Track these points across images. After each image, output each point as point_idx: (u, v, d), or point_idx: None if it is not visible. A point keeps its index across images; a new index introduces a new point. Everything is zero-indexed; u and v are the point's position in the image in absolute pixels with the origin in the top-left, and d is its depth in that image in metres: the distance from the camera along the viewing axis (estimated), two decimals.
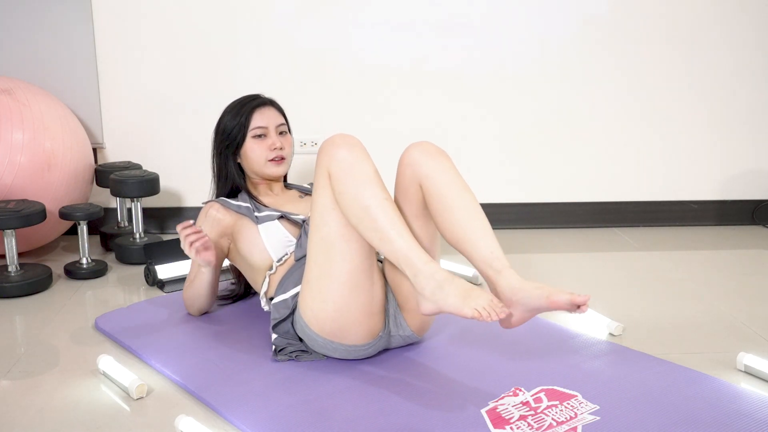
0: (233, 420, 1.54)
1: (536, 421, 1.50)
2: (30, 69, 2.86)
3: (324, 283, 1.65)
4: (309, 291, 1.69)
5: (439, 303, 1.49)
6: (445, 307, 1.48)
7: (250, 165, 2.08)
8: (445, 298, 1.47)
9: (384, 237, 1.54)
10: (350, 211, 1.58)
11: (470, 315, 1.43)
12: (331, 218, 1.62)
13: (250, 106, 2.07)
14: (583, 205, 3.18)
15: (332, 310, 1.66)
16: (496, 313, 1.44)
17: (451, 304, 1.47)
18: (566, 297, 1.50)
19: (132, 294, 2.37)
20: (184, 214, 3.06)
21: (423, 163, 1.68)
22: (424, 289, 1.50)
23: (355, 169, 1.58)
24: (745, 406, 1.57)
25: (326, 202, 1.62)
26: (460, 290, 1.47)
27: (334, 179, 1.60)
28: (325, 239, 1.63)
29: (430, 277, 1.50)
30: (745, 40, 3.04)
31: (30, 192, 2.49)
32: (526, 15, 2.98)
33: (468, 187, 1.69)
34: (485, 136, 3.08)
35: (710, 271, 2.60)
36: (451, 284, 1.48)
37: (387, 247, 1.54)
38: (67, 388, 1.71)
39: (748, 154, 3.16)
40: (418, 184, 1.68)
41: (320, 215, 1.64)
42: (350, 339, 1.71)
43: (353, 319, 1.67)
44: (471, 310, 1.44)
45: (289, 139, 2.13)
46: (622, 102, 3.08)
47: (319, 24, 2.94)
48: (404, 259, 1.52)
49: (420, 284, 1.51)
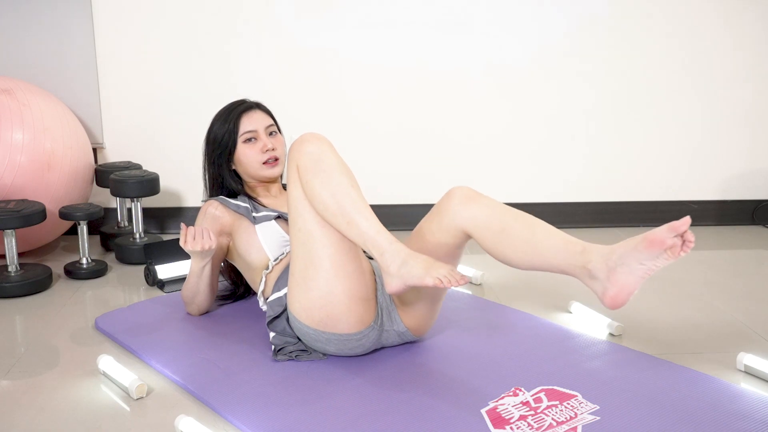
0: (233, 420, 1.54)
1: (536, 421, 1.50)
2: (30, 69, 2.86)
3: (308, 272, 1.67)
4: (295, 283, 1.70)
5: (404, 277, 1.53)
6: (409, 280, 1.52)
7: (245, 170, 2.08)
8: (409, 271, 1.52)
9: (351, 222, 1.58)
10: (317, 200, 1.62)
11: (432, 283, 1.49)
12: (305, 209, 1.65)
13: (237, 112, 2.07)
14: (583, 205, 3.18)
15: (318, 297, 1.67)
16: (456, 279, 1.49)
17: (414, 275, 1.51)
18: (663, 228, 1.43)
19: (132, 294, 2.37)
20: (184, 214, 3.07)
21: (466, 208, 1.68)
22: (389, 266, 1.55)
23: (322, 160, 1.63)
24: (745, 406, 1.57)
25: (298, 195, 1.66)
26: (423, 263, 1.53)
27: (302, 171, 1.65)
28: (302, 230, 1.67)
29: (396, 254, 1.55)
30: (744, 40, 3.04)
31: (30, 192, 2.49)
32: (526, 15, 2.98)
33: (514, 209, 1.68)
34: (485, 136, 3.08)
35: (710, 271, 2.60)
36: (414, 259, 1.54)
37: (354, 231, 1.59)
38: (67, 388, 1.71)
39: (748, 154, 3.16)
40: (460, 229, 1.69)
41: (294, 208, 1.68)
42: (340, 327, 1.71)
43: (341, 304, 1.67)
44: (433, 279, 1.49)
45: (281, 139, 2.13)
46: (622, 102, 3.08)
47: (319, 24, 2.94)
48: (371, 241, 1.57)
49: (386, 263, 1.55)
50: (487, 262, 2.66)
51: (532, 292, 2.35)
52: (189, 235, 1.89)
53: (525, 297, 2.29)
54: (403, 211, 3.00)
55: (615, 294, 1.48)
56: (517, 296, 2.30)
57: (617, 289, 1.48)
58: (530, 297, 2.29)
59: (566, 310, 2.18)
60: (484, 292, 2.36)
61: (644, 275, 1.48)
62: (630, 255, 1.46)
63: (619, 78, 3.06)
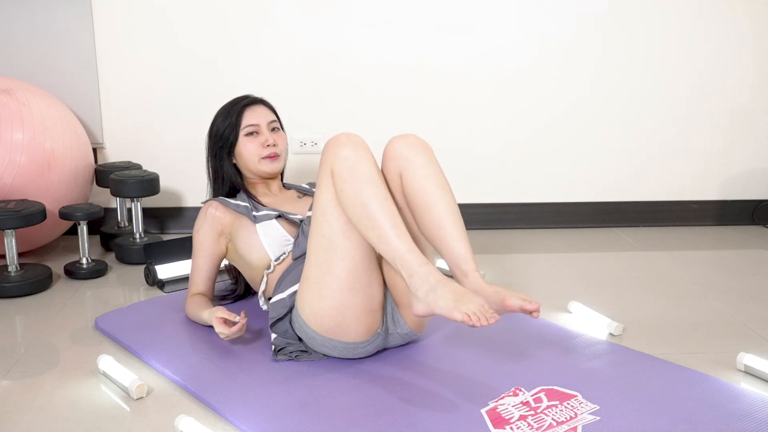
0: (233, 420, 1.54)
1: (536, 421, 1.50)
2: (30, 69, 2.86)
3: (323, 280, 1.65)
4: (308, 288, 1.69)
5: (431, 305, 1.50)
6: (437, 309, 1.49)
7: (245, 163, 2.08)
8: (437, 300, 1.49)
9: (382, 236, 1.55)
10: (350, 209, 1.59)
11: (460, 318, 1.44)
12: (333, 215, 1.63)
13: (240, 105, 2.08)
14: (583, 205, 3.18)
15: (330, 307, 1.66)
16: (486, 318, 1.44)
17: (442, 306, 1.48)
18: (518, 302, 1.55)
19: (132, 294, 2.37)
20: (184, 214, 3.07)
21: (405, 155, 1.71)
22: (417, 290, 1.51)
23: (358, 168, 1.59)
24: (745, 406, 1.57)
25: (328, 200, 1.63)
26: (452, 294, 1.48)
27: (336, 177, 1.61)
28: (325, 236, 1.64)
29: (425, 279, 1.51)
30: (745, 40, 3.04)
31: (30, 192, 2.49)
32: (527, 14, 2.98)
33: (447, 185, 1.72)
34: (485, 136, 3.08)
35: (710, 271, 2.59)
36: (444, 287, 1.50)
37: (384, 246, 1.56)
38: (67, 388, 1.71)
39: (748, 154, 3.16)
40: (397, 172, 1.72)
41: (322, 212, 1.65)
42: (348, 336, 1.71)
43: (352, 316, 1.67)
44: (461, 314, 1.45)
45: (282, 136, 2.13)
46: (622, 102, 3.08)
47: (319, 24, 2.94)
48: (400, 260, 1.54)
49: (414, 285, 1.52)
50: (488, 262, 2.67)
51: (532, 292, 2.35)
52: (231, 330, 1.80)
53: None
54: None
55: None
56: None
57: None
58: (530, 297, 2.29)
59: (566, 310, 2.18)
60: None
61: None
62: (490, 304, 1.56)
63: (619, 78, 3.06)
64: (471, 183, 3.12)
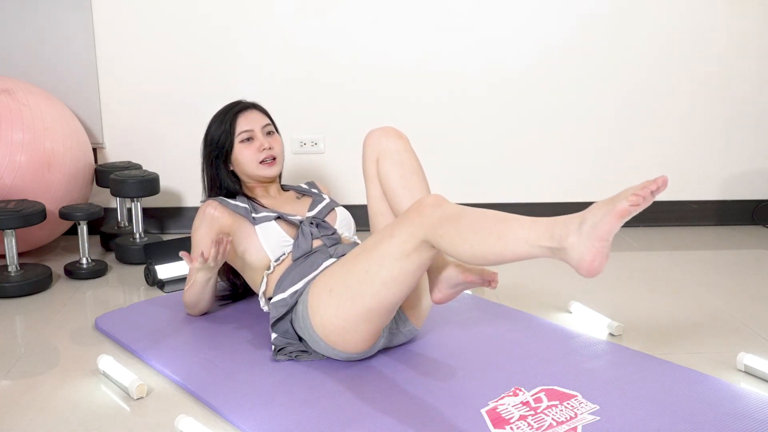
0: (233, 420, 1.54)
1: (536, 421, 1.50)
2: (30, 69, 2.86)
3: (345, 302, 1.64)
4: (327, 298, 1.67)
5: (596, 227, 1.37)
6: (602, 226, 1.37)
7: (243, 170, 2.08)
8: (594, 222, 1.38)
9: (500, 233, 1.44)
10: (460, 250, 1.47)
11: (628, 204, 1.37)
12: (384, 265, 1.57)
13: (233, 112, 2.08)
14: (583, 205, 3.15)
15: (342, 326, 1.67)
16: (642, 191, 1.37)
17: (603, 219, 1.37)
18: (477, 271, 1.65)
19: (132, 294, 2.37)
20: (184, 214, 3.07)
21: (380, 143, 1.85)
22: (568, 236, 1.38)
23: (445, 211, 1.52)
24: (745, 406, 1.57)
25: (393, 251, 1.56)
26: (598, 207, 1.39)
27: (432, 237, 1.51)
28: (369, 273, 1.59)
29: (565, 223, 1.41)
30: (745, 40, 3.04)
31: (30, 192, 2.49)
32: (527, 15, 2.98)
33: (419, 171, 1.83)
34: (485, 135, 3.08)
35: (710, 271, 2.60)
36: (584, 213, 1.40)
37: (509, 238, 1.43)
38: (67, 388, 1.71)
39: (748, 154, 3.16)
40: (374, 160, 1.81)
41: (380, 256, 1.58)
42: (350, 349, 1.73)
43: (359, 338, 1.70)
44: (627, 201, 1.37)
45: (278, 139, 2.13)
46: (623, 102, 3.08)
47: (320, 24, 2.94)
48: (534, 238, 1.42)
49: (561, 236, 1.39)
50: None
51: (532, 292, 2.35)
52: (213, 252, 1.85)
53: (525, 297, 2.29)
54: None
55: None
56: (517, 296, 2.30)
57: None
58: (530, 297, 2.29)
59: (566, 310, 2.18)
60: (484, 292, 2.36)
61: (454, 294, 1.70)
62: (453, 277, 1.66)
63: (619, 78, 3.06)
64: (470, 183, 3.12)
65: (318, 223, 1.97)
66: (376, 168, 1.86)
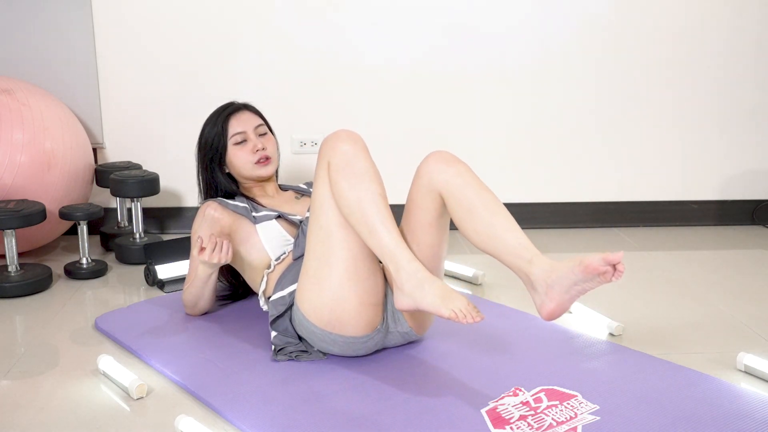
0: (233, 420, 1.54)
1: (536, 421, 1.50)
2: (30, 69, 2.86)
3: (322, 272, 1.66)
4: (307, 281, 1.70)
5: (417, 300, 1.53)
6: (423, 305, 1.53)
7: (238, 172, 2.09)
8: (424, 296, 1.52)
9: (372, 231, 1.58)
10: (343, 203, 1.61)
11: (447, 315, 1.48)
12: (330, 208, 1.64)
13: (224, 114, 2.08)
14: (583, 205, 3.18)
15: (330, 299, 1.67)
16: (471, 316, 1.48)
17: (429, 302, 1.52)
18: (598, 257, 1.43)
19: (132, 294, 2.37)
20: (184, 214, 3.07)
21: (441, 170, 1.67)
22: (404, 284, 1.54)
23: (353, 163, 1.62)
24: (745, 406, 1.57)
25: (325, 192, 1.65)
26: (439, 291, 1.52)
27: (332, 170, 1.63)
28: (323, 228, 1.66)
29: (412, 274, 1.54)
30: (745, 40, 3.04)
31: (30, 192, 2.49)
32: (527, 15, 2.98)
33: (486, 187, 1.69)
34: (485, 136, 3.08)
35: (710, 271, 2.59)
36: (431, 284, 1.53)
37: (374, 241, 1.58)
38: (67, 388, 1.71)
39: (748, 154, 3.16)
40: (435, 192, 1.68)
41: (319, 205, 1.67)
42: (348, 330, 1.71)
43: (351, 308, 1.68)
44: (448, 311, 1.48)
45: (271, 139, 2.13)
46: (623, 102, 3.08)
47: (319, 24, 2.94)
48: (389, 255, 1.56)
49: (401, 280, 1.55)
50: (487, 262, 2.66)
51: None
52: (209, 247, 1.86)
53: (525, 297, 2.29)
54: None
55: (551, 310, 1.55)
56: (517, 296, 2.29)
57: (554, 306, 1.54)
58: (530, 297, 2.29)
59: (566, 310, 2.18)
60: (484, 292, 2.36)
61: (578, 294, 1.53)
62: (566, 276, 1.50)
63: (619, 78, 3.06)
64: None
65: None
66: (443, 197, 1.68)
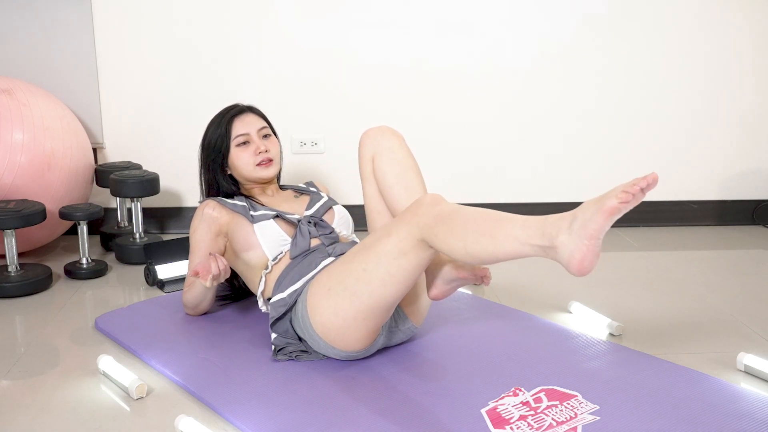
0: (233, 420, 1.54)
1: (536, 421, 1.50)
2: (30, 69, 2.86)
3: (343, 301, 1.65)
4: (326, 297, 1.68)
5: (585, 225, 1.36)
6: (591, 224, 1.36)
7: (240, 173, 2.09)
8: (584, 221, 1.36)
9: (493, 233, 1.45)
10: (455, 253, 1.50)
11: (618, 200, 1.34)
12: (380, 264, 1.58)
13: (229, 116, 2.09)
14: None
15: (340, 325, 1.67)
16: (638, 185, 1.34)
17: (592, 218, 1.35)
18: (469, 267, 1.66)
19: (132, 294, 2.37)
20: (184, 214, 3.07)
21: (376, 142, 1.85)
22: (558, 234, 1.38)
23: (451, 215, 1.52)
24: (745, 406, 1.57)
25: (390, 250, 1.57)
26: (588, 206, 1.37)
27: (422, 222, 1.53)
28: (367, 271, 1.60)
29: (556, 221, 1.40)
30: (745, 40, 3.04)
31: (30, 192, 2.49)
32: (527, 15, 2.98)
33: (415, 168, 1.84)
34: (485, 136, 3.08)
35: (710, 271, 2.60)
36: (575, 212, 1.38)
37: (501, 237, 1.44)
38: (67, 388, 1.71)
39: (748, 154, 3.16)
40: (372, 159, 1.82)
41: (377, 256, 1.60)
42: (350, 348, 1.73)
43: (358, 336, 1.70)
44: (617, 198, 1.34)
45: (274, 141, 2.13)
46: (622, 102, 3.08)
47: (319, 24, 2.94)
48: (525, 238, 1.41)
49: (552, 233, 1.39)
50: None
51: (532, 292, 2.35)
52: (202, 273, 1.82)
53: (525, 297, 2.29)
54: None
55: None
56: (517, 296, 2.30)
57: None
58: (530, 297, 2.29)
59: (566, 310, 2.18)
60: (484, 292, 2.36)
61: (450, 290, 1.71)
62: (446, 273, 1.67)
63: (619, 78, 3.06)
64: (470, 183, 3.12)
65: (316, 221, 1.97)
66: (372, 166, 1.86)
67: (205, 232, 2.02)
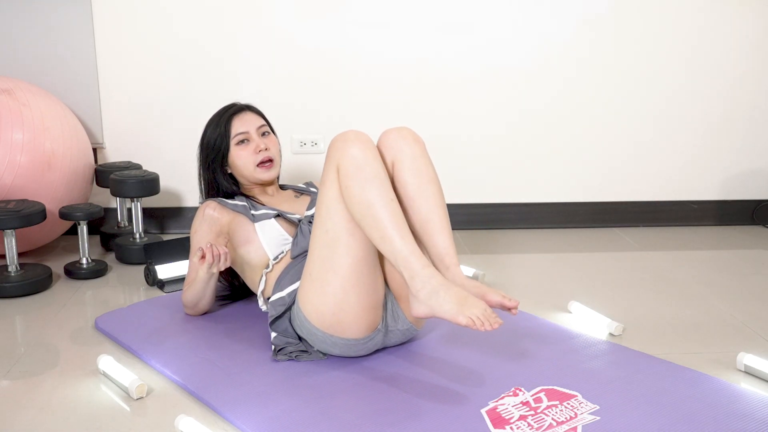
0: (233, 420, 1.54)
1: (536, 421, 1.50)
2: (30, 69, 2.86)
3: (326, 275, 1.65)
4: (310, 284, 1.69)
5: (433, 308, 1.52)
6: (439, 313, 1.51)
7: (240, 172, 2.09)
8: (441, 304, 1.50)
9: (385, 236, 1.56)
10: (354, 208, 1.59)
11: (464, 323, 1.47)
12: (337, 212, 1.63)
13: (227, 115, 2.08)
14: (583, 205, 3.18)
15: (333, 303, 1.66)
16: (489, 322, 1.47)
17: (446, 310, 1.50)
18: (498, 298, 1.61)
19: (132, 294, 2.37)
20: (184, 214, 3.07)
21: (398, 146, 1.74)
22: (419, 292, 1.53)
23: (365, 167, 1.61)
24: (745, 406, 1.57)
25: (333, 196, 1.64)
26: (455, 297, 1.50)
27: (342, 174, 1.62)
28: (329, 232, 1.64)
29: (427, 281, 1.53)
30: (745, 40, 3.04)
31: (30, 192, 2.49)
32: (527, 15, 2.98)
33: (436, 178, 1.76)
34: (485, 136, 3.08)
35: (710, 271, 2.60)
36: (447, 291, 1.51)
37: (387, 246, 1.56)
38: (67, 388, 1.71)
39: (748, 154, 3.16)
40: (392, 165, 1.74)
41: (326, 208, 1.65)
42: (349, 333, 1.71)
43: (353, 312, 1.68)
44: (466, 318, 1.47)
45: (274, 140, 2.13)
46: (623, 102, 3.08)
47: (320, 24, 2.94)
48: (403, 261, 1.55)
49: (416, 287, 1.53)
50: (487, 262, 2.67)
51: (532, 292, 2.35)
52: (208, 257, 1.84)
53: (525, 297, 2.29)
54: None
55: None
56: (517, 296, 2.30)
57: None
58: (530, 297, 2.29)
59: (566, 310, 2.18)
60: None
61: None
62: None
63: (619, 78, 3.06)
64: (471, 183, 3.12)
65: None
66: (392, 171, 1.76)
67: (206, 233, 2.02)
